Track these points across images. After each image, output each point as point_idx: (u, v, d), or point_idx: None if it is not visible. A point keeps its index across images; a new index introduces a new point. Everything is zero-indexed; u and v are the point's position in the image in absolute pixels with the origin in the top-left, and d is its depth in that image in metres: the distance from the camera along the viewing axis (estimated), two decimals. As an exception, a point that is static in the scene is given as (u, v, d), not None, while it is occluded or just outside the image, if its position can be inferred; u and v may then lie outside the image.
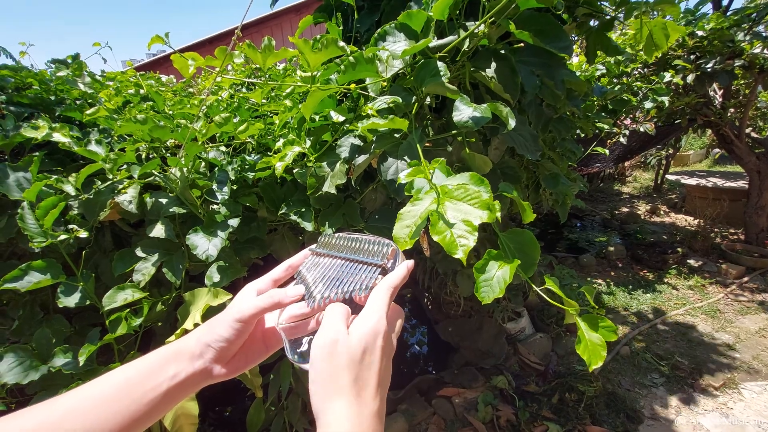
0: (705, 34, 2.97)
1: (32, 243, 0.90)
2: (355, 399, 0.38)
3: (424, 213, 0.65)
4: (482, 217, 0.61)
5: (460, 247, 0.60)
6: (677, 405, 2.35)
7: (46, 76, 1.35)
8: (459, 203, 0.65)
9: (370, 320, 0.42)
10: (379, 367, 0.40)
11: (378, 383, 0.40)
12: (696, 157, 9.87)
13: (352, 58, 0.87)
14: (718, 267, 4.00)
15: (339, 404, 0.37)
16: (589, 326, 0.62)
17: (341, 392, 0.38)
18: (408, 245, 0.64)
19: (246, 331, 0.47)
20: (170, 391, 0.43)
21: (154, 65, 7.12)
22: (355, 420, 0.37)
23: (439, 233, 0.62)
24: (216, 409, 2.10)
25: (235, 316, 0.46)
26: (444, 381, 2.53)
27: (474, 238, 0.60)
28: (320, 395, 0.39)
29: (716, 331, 3.06)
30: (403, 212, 0.68)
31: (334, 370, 0.39)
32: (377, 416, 0.38)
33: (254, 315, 0.46)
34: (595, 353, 0.60)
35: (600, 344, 0.60)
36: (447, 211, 0.64)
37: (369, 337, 0.40)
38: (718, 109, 3.78)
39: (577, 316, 0.63)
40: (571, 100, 1.24)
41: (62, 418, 0.38)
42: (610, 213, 6.21)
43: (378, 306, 0.43)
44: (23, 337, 1.01)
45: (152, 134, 1.02)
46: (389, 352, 0.43)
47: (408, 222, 0.66)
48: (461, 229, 0.61)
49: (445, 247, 0.61)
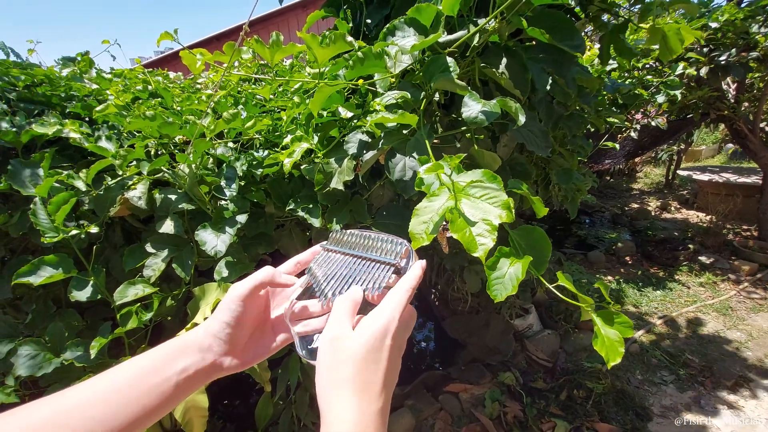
0: (719, 26, 2.90)
1: (44, 238, 0.91)
2: (358, 394, 0.38)
3: (442, 210, 0.65)
4: (501, 216, 0.61)
5: (480, 246, 0.60)
6: (687, 403, 2.33)
7: (56, 74, 1.36)
8: (477, 201, 0.64)
9: (381, 319, 0.41)
10: (386, 366, 0.40)
11: (384, 382, 0.40)
12: (708, 152, 9.71)
13: (360, 54, 0.86)
14: (730, 264, 3.95)
15: (342, 398, 0.37)
16: (604, 322, 0.61)
17: (343, 386, 0.38)
18: (426, 241, 0.63)
19: (246, 312, 0.47)
20: (180, 383, 0.43)
21: (162, 62, 7.16)
22: (358, 415, 0.37)
23: (458, 230, 0.62)
24: (225, 402, 2.12)
25: (231, 296, 0.47)
26: (451, 377, 2.53)
27: (493, 238, 0.60)
28: (324, 388, 0.39)
29: (728, 329, 3.02)
30: (419, 208, 0.67)
31: (336, 364, 0.39)
32: (380, 414, 0.38)
33: (251, 291, 0.47)
34: (612, 349, 0.59)
35: (617, 340, 0.59)
36: (465, 209, 0.64)
37: (377, 334, 0.40)
38: (731, 103, 3.70)
39: (592, 312, 0.62)
40: (582, 97, 1.22)
41: (73, 409, 0.38)
42: (620, 209, 6.14)
43: (393, 306, 0.43)
44: (36, 331, 1.03)
45: (161, 131, 1.03)
46: (398, 352, 0.42)
47: (425, 218, 0.66)
48: (481, 228, 0.61)
49: (465, 245, 0.60)
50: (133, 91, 1.41)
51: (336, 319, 0.43)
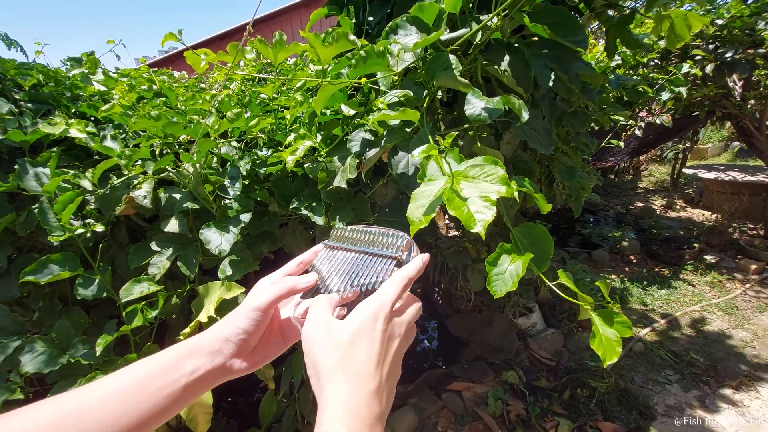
0: (724, 22, 2.88)
1: (51, 237, 0.92)
2: (349, 378, 0.38)
3: (439, 192, 0.64)
4: (500, 192, 0.60)
5: (479, 221, 0.59)
6: (692, 402, 2.32)
7: (62, 74, 1.37)
8: (475, 181, 0.64)
9: (371, 305, 0.43)
10: (378, 349, 0.41)
11: (377, 364, 0.40)
12: (714, 150, 9.63)
13: (363, 52, 0.86)
14: (736, 263, 3.92)
15: (333, 385, 0.38)
16: (603, 321, 0.61)
17: (330, 372, 0.39)
18: (424, 224, 0.63)
19: (264, 320, 0.48)
20: (189, 386, 0.44)
21: (167, 62, 7.19)
22: (348, 397, 0.37)
23: (456, 208, 0.61)
24: (229, 399, 2.14)
25: (252, 306, 0.47)
26: (454, 375, 2.53)
27: (492, 213, 0.59)
28: (314, 380, 0.40)
29: (733, 328, 3.00)
30: (416, 192, 0.67)
31: (319, 355, 0.40)
32: (375, 395, 0.38)
33: (271, 303, 0.47)
34: (609, 349, 0.59)
35: (615, 340, 0.59)
36: (464, 190, 0.63)
37: (366, 319, 0.41)
38: (737, 101, 3.67)
39: (591, 311, 0.62)
40: (585, 93, 1.21)
41: (82, 409, 0.39)
42: (624, 208, 6.10)
43: (385, 293, 0.44)
44: (43, 328, 1.04)
45: (166, 130, 1.04)
46: (393, 336, 0.43)
47: (422, 201, 0.65)
48: (479, 204, 0.60)
49: (463, 221, 0.59)
50: (138, 90, 1.42)
51: (313, 313, 0.44)
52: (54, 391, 0.95)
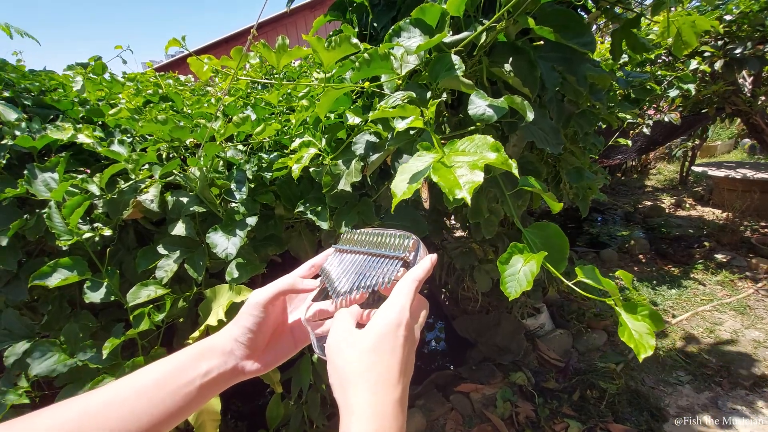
0: (734, 18, 2.84)
1: (59, 241, 0.93)
2: (373, 386, 0.38)
3: (426, 165, 0.61)
4: (489, 158, 0.57)
5: (464, 184, 0.54)
6: (704, 404, 2.28)
7: (69, 79, 1.39)
8: (466, 154, 0.60)
9: (391, 312, 0.42)
10: (401, 357, 0.41)
11: (400, 372, 0.40)
12: (724, 147, 9.49)
13: (366, 56, 0.86)
14: (747, 262, 3.85)
15: (358, 393, 0.38)
16: (629, 312, 0.59)
17: (355, 382, 0.39)
18: (407, 195, 0.59)
19: (266, 317, 0.49)
20: (203, 386, 0.45)
21: (173, 66, 7.26)
22: (377, 407, 0.37)
23: (442, 176, 0.57)
24: (237, 403, 2.14)
25: (252, 303, 0.48)
26: (461, 377, 2.52)
27: (481, 176, 0.54)
28: (337, 388, 0.40)
29: (746, 328, 2.95)
30: (404, 166, 0.64)
31: (345, 363, 0.40)
32: (399, 404, 0.39)
33: (271, 298, 0.48)
34: (642, 341, 0.57)
35: (648, 332, 0.57)
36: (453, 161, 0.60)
37: (389, 327, 0.41)
38: (747, 97, 3.61)
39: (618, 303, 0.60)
40: (593, 94, 1.20)
41: (100, 410, 0.39)
42: (632, 207, 6.03)
43: (401, 298, 0.43)
44: (52, 332, 1.05)
45: (172, 134, 1.04)
46: (412, 343, 0.43)
47: (407, 175, 0.62)
48: (465, 169, 0.56)
49: (446, 189, 0.55)
50: (144, 94, 1.43)
51: (338, 323, 0.44)
52: (61, 395, 0.96)
